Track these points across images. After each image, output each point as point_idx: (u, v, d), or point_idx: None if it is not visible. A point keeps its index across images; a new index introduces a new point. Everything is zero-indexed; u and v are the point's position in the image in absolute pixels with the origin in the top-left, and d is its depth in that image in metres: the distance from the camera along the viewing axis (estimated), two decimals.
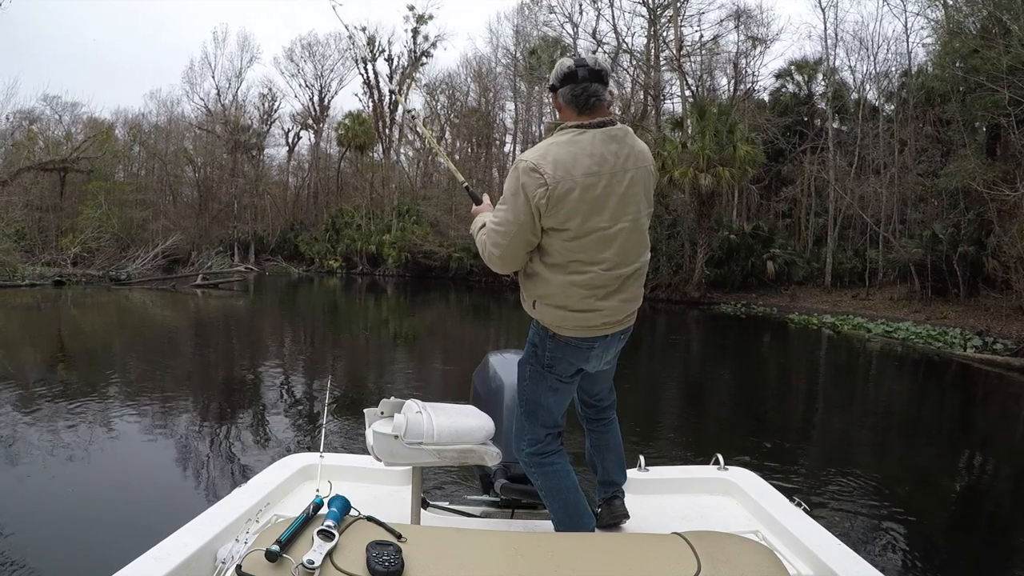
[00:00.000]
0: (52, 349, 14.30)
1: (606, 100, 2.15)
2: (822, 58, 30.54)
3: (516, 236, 2.14)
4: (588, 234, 2.11)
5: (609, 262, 2.14)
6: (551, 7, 36.22)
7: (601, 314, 2.17)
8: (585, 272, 2.13)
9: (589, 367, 2.32)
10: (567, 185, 2.05)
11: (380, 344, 17.25)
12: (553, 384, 2.31)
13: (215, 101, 48.29)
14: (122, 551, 2.07)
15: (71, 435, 7.15)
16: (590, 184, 2.07)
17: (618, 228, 2.12)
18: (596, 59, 2.20)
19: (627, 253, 2.17)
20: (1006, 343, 15.26)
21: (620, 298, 2.19)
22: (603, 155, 2.09)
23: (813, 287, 26.26)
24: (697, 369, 14.52)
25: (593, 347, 2.24)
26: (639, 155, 2.17)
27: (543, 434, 2.35)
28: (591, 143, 2.09)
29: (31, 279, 28.90)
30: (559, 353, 2.25)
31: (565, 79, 2.15)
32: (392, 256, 39.74)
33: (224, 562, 1.94)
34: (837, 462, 7.09)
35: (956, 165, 20.60)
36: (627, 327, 2.31)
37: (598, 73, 2.14)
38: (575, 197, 2.06)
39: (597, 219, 2.10)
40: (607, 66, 2.21)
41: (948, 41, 21.80)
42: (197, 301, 26.38)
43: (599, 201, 2.09)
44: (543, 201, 2.06)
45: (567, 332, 2.21)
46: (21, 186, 35.64)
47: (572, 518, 2.35)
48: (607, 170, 2.09)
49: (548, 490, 2.37)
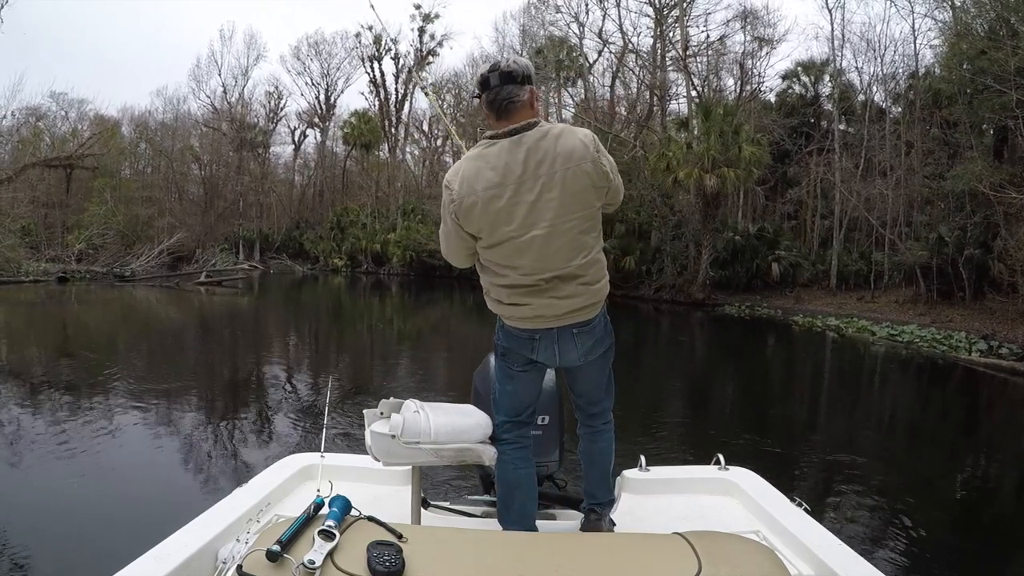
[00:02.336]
0: (53, 345, 14.34)
1: (521, 100, 2.14)
2: (829, 59, 30.47)
3: (449, 239, 2.28)
4: (500, 243, 2.15)
5: (525, 268, 2.15)
6: (557, 7, 36.17)
7: (531, 307, 2.20)
8: (504, 275, 2.20)
9: (542, 359, 2.31)
10: (471, 200, 2.12)
11: (383, 343, 17.28)
12: (508, 372, 2.38)
13: (221, 99, 48.49)
14: (122, 549, 2.07)
15: (72, 431, 7.17)
16: (492, 196, 2.10)
17: (531, 236, 2.11)
18: (510, 60, 2.20)
19: (548, 259, 2.13)
20: (1012, 347, 15.17)
21: (551, 296, 2.17)
22: (508, 165, 2.10)
23: (818, 289, 26.17)
24: (700, 370, 14.50)
25: (535, 338, 2.26)
26: (564, 156, 2.09)
27: (500, 421, 2.41)
28: (497, 155, 2.12)
29: (35, 275, 29.01)
30: (508, 343, 2.33)
31: (481, 87, 2.18)
32: (397, 255, 39.77)
33: (225, 562, 1.94)
34: (839, 464, 7.08)
35: (963, 167, 20.49)
36: (577, 322, 2.24)
37: (509, 75, 2.14)
38: (479, 211, 2.12)
39: (506, 228, 2.12)
40: (521, 65, 2.18)
41: (955, 42, 21.70)
42: (200, 298, 26.45)
43: (504, 212, 2.11)
44: (454, 215, 2.18)
45: (508, 322, 2.29)
46: (27, 183, 35.74)
47: (506, 513, 2.40)
48: (512, 180, 2.10)
49: (496, 478, 2.44)
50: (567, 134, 2.14)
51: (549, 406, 2.68)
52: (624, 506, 2.78)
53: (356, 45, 47.10)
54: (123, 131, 46.62)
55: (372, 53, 46.39)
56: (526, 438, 2.45)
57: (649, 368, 12.90)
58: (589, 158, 2.12)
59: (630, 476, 2.96)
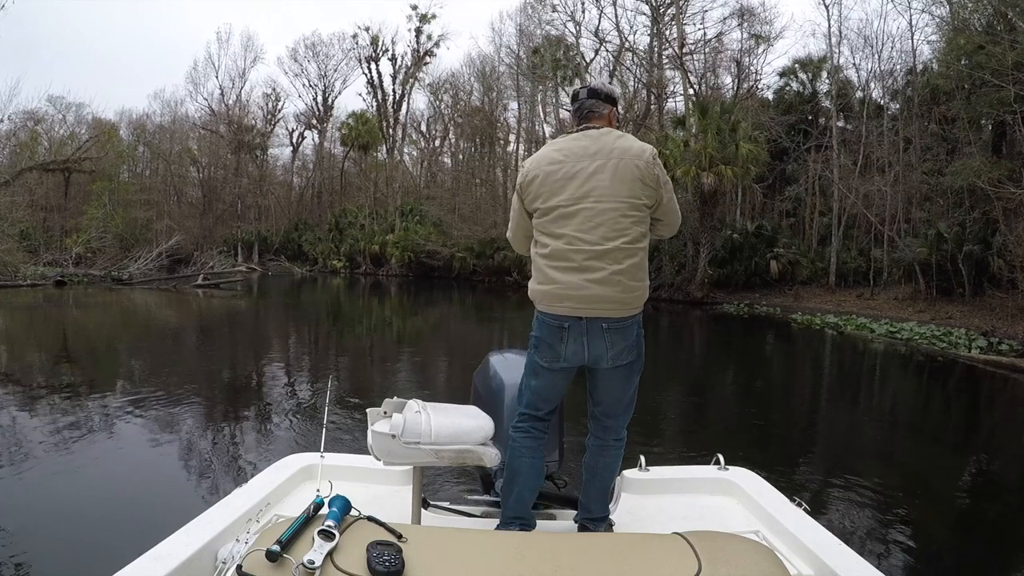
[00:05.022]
0: (50, 348, 14.34)
1: (600, 113, 2.50)
2: (826, 56, 30.46)
3: (514, 219, 2.58)
4: (550, 211, 2.40)
5: (567, 238, 2.35)
6: (554, 6, 36.22)
7: (560, 286, 2.34)
8: (547, 245, 2.40)
9: (571, 352, 2.39)
10: (534, 173, 2.46)
11: (383, 344, 17.27)
12: (535, 368, 2.49)
13: (219, 101, 48.47)
14: (121, 549, 2.07)
15: (69, 433, 7.15)
16: (551, 171, 2.42)
17: (578, 208, 2.35)
18: (598, 83, 2.66)
19: (588, 232, 2.33)
20: (1012, 343, 15.18)
21: (582, 277, 2.31)
22: (570, 148, 2.43)
23: (817, 287, 26.18)
24: (698, 369, 14.49)
25: (564, 327, 2.37)
26: (620, 150, 2.38)
27: (520, 411, 2.54)
28: (564, 141, 2.49)
29: (33, 279, 28.97)
30: (540, 331, 2.45)
31: (572, 100, 2.59)
32: (395, 256, 39.78)
33: (225, 562, 1.94)
34: (838, 463, 7.07)
35: (961, 163, 20.51)
36: (606, 316, 2.34)
37: (595, 91, 2.54)
38: (539, 181, 2.44)
39: (557, 199, 2.39)
40: (608, 87, 2.59)
41: (953, 38, 21.71)
42: (198, 301, 26.41)
43: (559, 184, 2.39)
44: (520, 188, 2.51)
45: (541, 306, 2.43)
46: (26, 186, 35.76)
47: (505, 499, 2.51)
48: (571, 159, 2.40)
49: (505, 464, 2.50)
50: (629, 138, 2.45)
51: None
52: (624, 506, 2.79)
53: (353, 46, 47.18)
54: (121, 134, 46.62)
55: (369, 54, 46.46)
56: (537, 430, 2.52)
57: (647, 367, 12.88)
58: (643, 158, 2.38)
59: (630, 476, 2.96)
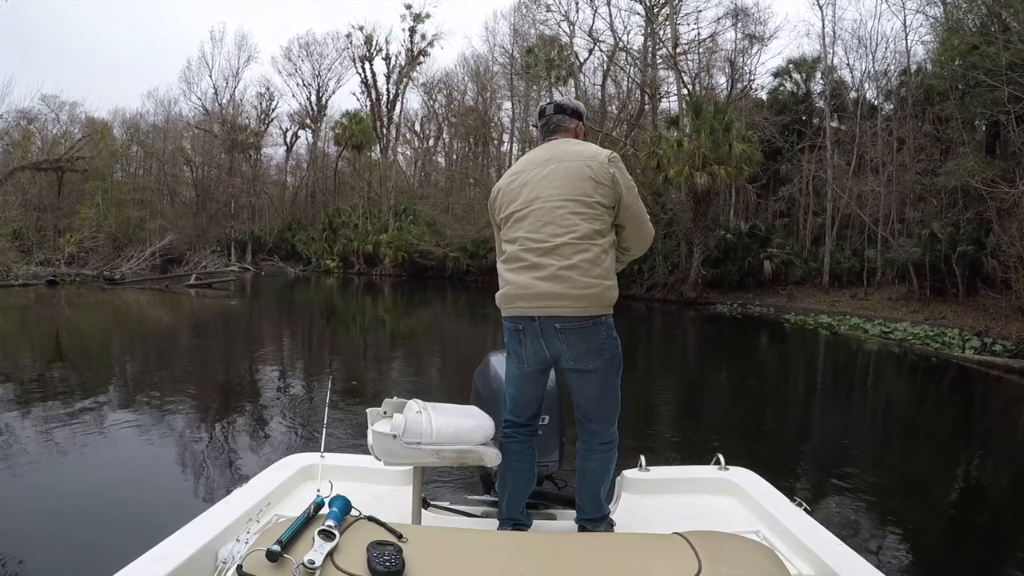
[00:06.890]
0: (42, 347, 14.26)
1: (566, 127, 2.61)
2: (820, 56, 30.59)
3: (496, 237, 2.67)
4: (509, 218, 2.50)
5: (520, 239, 2.42)
6: (548, 5, 36.17)
7: (513, 287, 2.41)
8: (505, 251, 2.50)
9: (531, 353, 2.42)
10: (498, 188, 2.61)
11: (378, 343, 17.24)
12: (509, 373, 2.56)
13: (212, 101, 48.38)
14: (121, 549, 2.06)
15: (65, 434, 7.11)
16: (510, 182, 2.54)
17: (529, 210, 2.43)
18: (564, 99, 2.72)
19: (537, 230, 2.39)
20: (1005, 344, 15.21)
21: (531, 275, 2.36)
22: (529, 159, 2.56)
23: (811, 287, 26.24)
24: (693, 369, 14.51)
25: (519, 328, 2.42)
26: (574, 153, 2.46)
27: (504, 418, 2.56)
28: (528, 155, 2.61)
29: (24, 279, 28.79)
30: (505, 336, 2.53)
31: (539, 115, 2.69)
32: (389, 256, 39.77)
33: (225, 562, 1.94)
34: (836, 463, 7.08)
35: (955, 163, 20.58)
36: (558, 315, 2.32)
37: (561, 106, 2.65)
38: (501, 194, 2.57)
39: (512, 205, 2.49)
40: (571, 101, 2.69)
41: (947, 38, 21.79)
42: (190, 301, 26.31)
43: (514, 191, 2.51)
44: (489, 207, 2.68)
45: (502, 311, 2.49)
46: (18, 186, 35.57)
47: (500, 502, 2.57)
48: (528, 168, 2.51)
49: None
50: (589, 145, 2.54)
51: (549, 406, 2.67)
52: (624, 506, 2.79)
53: (347, 45, 47.19)
54: (115, 133, 46.46)
55: (363, 53, 46.46)
56: (522, 435, 2.53)
57: (642, 367, 12.90)
58: (598, 159, 2.42)
59: (630, 476, 2.96)
